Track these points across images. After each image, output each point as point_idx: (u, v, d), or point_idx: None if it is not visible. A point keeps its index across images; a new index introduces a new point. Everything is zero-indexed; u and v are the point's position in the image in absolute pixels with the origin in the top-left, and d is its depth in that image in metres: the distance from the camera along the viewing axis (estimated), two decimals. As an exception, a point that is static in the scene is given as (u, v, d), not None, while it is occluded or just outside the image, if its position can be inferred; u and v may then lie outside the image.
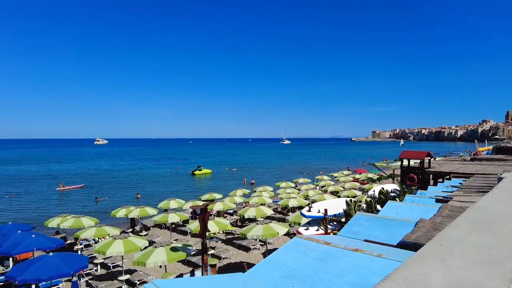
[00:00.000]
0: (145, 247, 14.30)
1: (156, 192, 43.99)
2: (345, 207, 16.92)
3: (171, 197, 27.95)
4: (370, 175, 40.77)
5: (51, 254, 12.02)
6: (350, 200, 18.04)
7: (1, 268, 17.83)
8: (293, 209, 28.32)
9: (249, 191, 32.05)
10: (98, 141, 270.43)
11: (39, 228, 21.33)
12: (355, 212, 13.13)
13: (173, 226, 24.39)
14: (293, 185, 35.65)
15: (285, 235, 20.89)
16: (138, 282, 15.13)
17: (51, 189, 47.52)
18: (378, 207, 14.33)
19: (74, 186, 48.34)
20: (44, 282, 11.61)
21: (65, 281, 15.64)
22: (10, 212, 33.54)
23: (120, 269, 17.17)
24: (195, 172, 63.81)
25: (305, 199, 26.37)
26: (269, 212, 21.53)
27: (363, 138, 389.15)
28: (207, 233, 13.04)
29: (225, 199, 26.98)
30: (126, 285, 15.01)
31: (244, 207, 29.17)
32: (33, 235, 15.24)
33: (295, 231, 21.68)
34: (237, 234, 23.14)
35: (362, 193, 28.37)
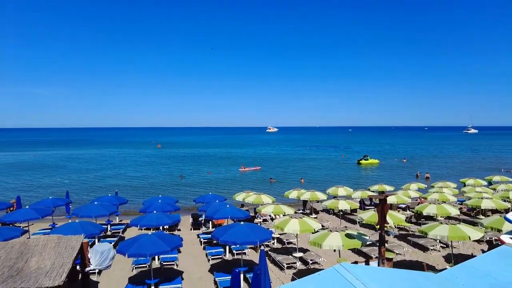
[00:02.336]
0: (319, 230, 14.86)
1: (320, 179, 45.19)
2: None
3: (337, 184, 28.06)
4: None
5: (242, 223, 14.07)
6: None
7: (205, 228, 22.30)
8: (483, 212, 23.74)
9: (425, 186, 28.61)
10: (270, 129, 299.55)
11: (228, 200, 25.41)
12: None
13: (341, 213, 24.48)
14: (485, 183, 29.60)
15: (475, 241, 17.75)
16: (311, 262, 15.95)
17: (235, 169, 55.87)
18: None
19: (253, 168, 55.27)
20: (237, 246, 13.77)
21: (249, 247, 18.16)
22: (207, 185, 41.44)
23: (294, 246, 18.59)
24: (361, 161, 61.96)
25: (504, 201, 21.50)
26: (454, 211, 18.57)
27: None
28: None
29: (398, 192, 25.00)
30: (299, 262, 16.08)
31: (419, 203, 26.34)
32: (228, 205, 18.26)
33: (493, 239, 18.21)
34: (411, 231, 21.18)
35: None
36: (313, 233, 16.11)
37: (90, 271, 6.55)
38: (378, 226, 18.50)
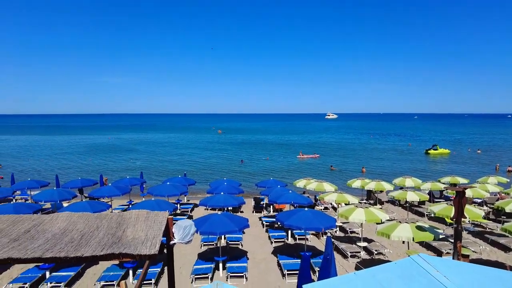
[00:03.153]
0: (385, 220, 14.39)
1: (383, 169, 43.19)
2: None
3: (404, 175, 26.63)
4: None
5: (306, 209, 14.18)
6: None
7: (266, 212, 22.87)
8: None
9: (507, 180, 25.84)
10: (329, 115, 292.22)
11: (289, 186, 25.62)
12: None
13: (408, 205, 23.32)
14: None
15: None
16: (376, 252, 15.57)
17: (293, 155, 55.86)
18: None
19: (311, 155, 54.74)
20: (301, 231, 13.98)
21: (311, 233, 18.27)
22: (267, 171, 42.13)
23: (357, 235, 18.25)
24: (429, 151, 57.82)
25: None
26: (543, 210, 16.62)
27: None
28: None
29: (475, 185, 22.99)
30: (363, 252, 15.79)
31: (498, 198, 23.98)
32: (290, 191, 18.47)
33: None
34: (489, 228, 19.45)
35: None
36: (378, 223, 15.69)
37: (173, 244, 7.19)
38: (450, 220, 17.36)
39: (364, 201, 25.13)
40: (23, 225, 7.03)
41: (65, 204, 21.70)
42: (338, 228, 19.14)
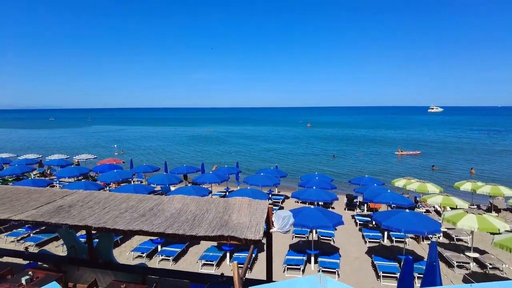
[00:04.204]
0: (505, 231, 12.50)
1: (498, 172, 37.15)
2: None
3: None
4: None
5: (407, 210, 13.21)
6: None
7: (359, 210, 22.04)
8: None
9: None
10: (432, 108, 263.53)
11: (386, 185, 24.12)
12: None
13: (534, 215, 19.81)
14: None
15: None
16: (490, 266, 13.69)
17: (389, 152, 52.23)
18: None
19: (411, 152, 50.38)
20: (400, 233, 13.10)
21: (410, 237, 16.96)
22: (360, 167, 40.33)
23: (465, 244, 16.30)
24: None
25: None
26: None
27: None
28: None
29: None
30: (473, 263, 14.04)
31: None
32: (388, 190, 17.42)
33: None
34: None
35: None
36: (494, 234, 13.73)
37: (273, 232, 7.54)
38: None
39: (475, 206, 22.19)
40: (147, 203, 8.20)
41: (172, 188, 24.39)
42: (442, 234, 17.35)
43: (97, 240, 9.89)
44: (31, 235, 16.60)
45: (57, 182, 27.02)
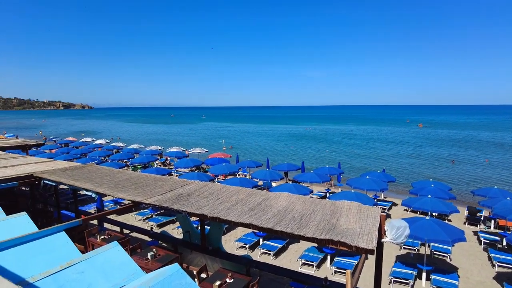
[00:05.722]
0: None
1: None
2: None
3: None
4: None
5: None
6: None
7: (484, 226, 18.92)
8: None
9: None
10: None
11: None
12: None
13: None
14: None
15: None
16: None
17: (526, 160, 43.52)
18: None
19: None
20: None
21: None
22: (484, 176, 34.65)
23: None
24: None
25: None
26: None
27: None
28: None
29: None
30: None
31: None
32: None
33: None
34: None
35: None
36: None
37: (384, 243, 6.92)
38: None
39: None
40: (255, 198, 8.47)
41: (273, 184, 25.00)
42: None
43: (209, 227, 10.71)
44: (154, 216, 19.12)
45: (175, 171, 30.49)
